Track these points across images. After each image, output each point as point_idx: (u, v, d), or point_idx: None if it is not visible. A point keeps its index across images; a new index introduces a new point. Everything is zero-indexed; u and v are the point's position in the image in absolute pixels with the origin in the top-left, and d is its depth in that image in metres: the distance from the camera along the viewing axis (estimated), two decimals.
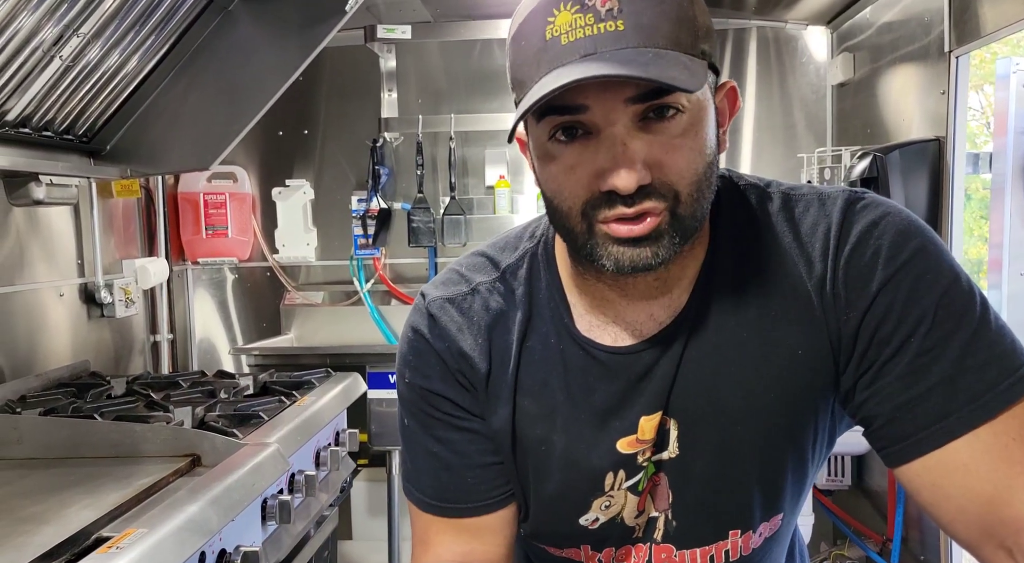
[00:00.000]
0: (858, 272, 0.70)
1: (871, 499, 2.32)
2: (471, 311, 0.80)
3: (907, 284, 0.69)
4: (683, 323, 0.75)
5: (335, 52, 2.65)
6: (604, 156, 0.65)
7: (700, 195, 0.68)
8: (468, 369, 0.79)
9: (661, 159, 0.65)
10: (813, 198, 0.75)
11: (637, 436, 0.76)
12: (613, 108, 0.64)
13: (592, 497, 0.78)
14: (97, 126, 2.01)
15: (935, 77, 1.85)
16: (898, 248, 0.70)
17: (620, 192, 0.65)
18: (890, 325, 0.69)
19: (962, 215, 1.77)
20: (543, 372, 0.78)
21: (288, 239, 2.77)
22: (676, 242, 0.68)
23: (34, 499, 1.24)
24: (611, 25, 0.62)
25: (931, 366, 0.68)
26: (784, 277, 0.73)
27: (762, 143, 2.68)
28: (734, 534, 0.80)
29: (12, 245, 1.94)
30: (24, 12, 1.51)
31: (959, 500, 0.67)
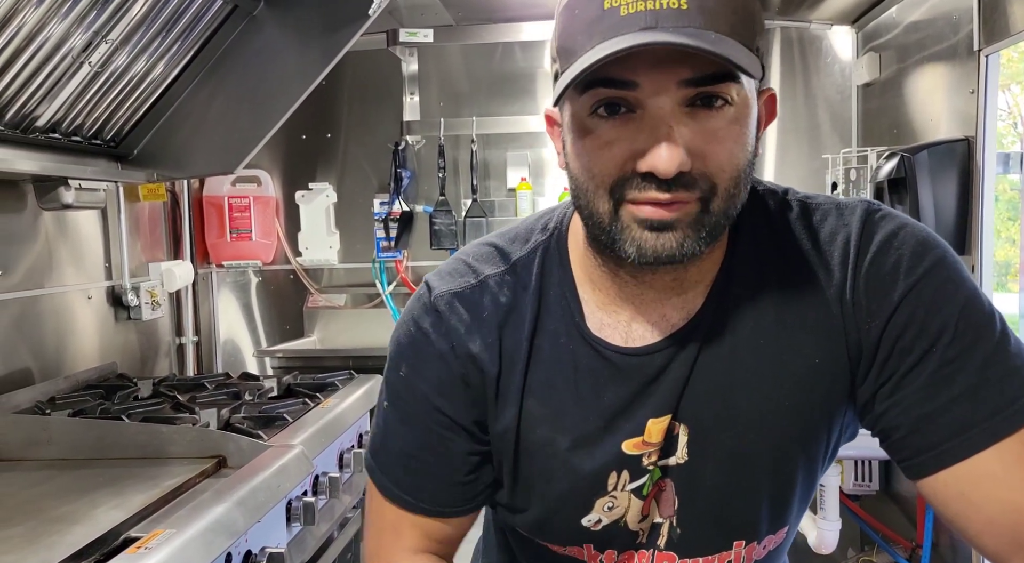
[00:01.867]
0: (879, 281, 0.70)
1: (900, 504, 2.28)
2: (480, 306, 0.76)
3: (928, 294, 0.68)
4: (698, 326, 0.73)
5: (357, 56, 2.66)
6: (647, 135, 0.63)
7: (736, 192, 0.66)
8: (475, 372, 0.76)
9: (704, 149, 0.63)
10: (831, 207, 0.74)
11: (644, 438, 0.74)
12: (664, 88, 0.62)
13: (595, 497, 0.76)
14: (124, 131, 2.04)
15: (964, 76, 1.82)
16: (919, 258, 0.69)
17: (659, 174, 0.62)
18: (912, 334, 0.68)
19: (992, 217, 1.74)
20: (550, 372, 0.75)
21: (311, 242, 2.79)
22: (703, 237, 0.66)
23: (64, 499, 1.25)
24: (674, 2, 0.60)
25: (954, 376, 0.67)
26: (803, 284, 0.72)
27: (787, 144, 2.65)
28: (738, 545, 0.78)
29: (41, 249, 1.97)
30: (55, 19, 1.53)
31: (988, 511, 0.66)
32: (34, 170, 1.76)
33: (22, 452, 1.47)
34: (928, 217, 1.82)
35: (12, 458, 1.46)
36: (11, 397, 1.73)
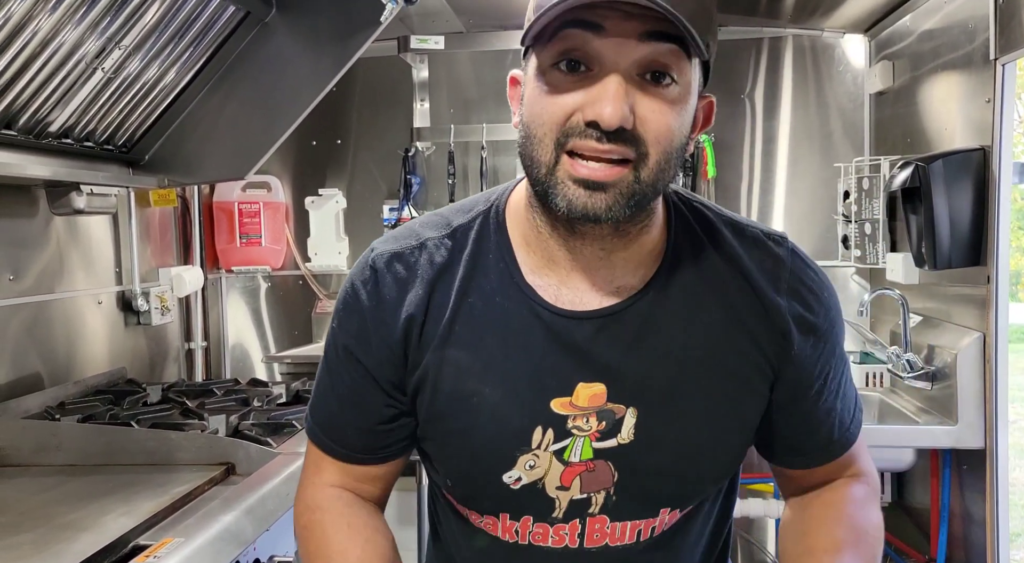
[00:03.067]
0: (802, 314, 0.83)
1: (912, 517, 2.26)
2: (416, 265, 0.82)
3: (832, 339, 0.86)
4: (639, 304, 0.79)
5: (368, 62, 2.66)
6: (599, 88, 0.69)
7: (666, 167, 0.73)
8: (399, 329, 0.80)
9: (646, 115, 0.70)
10: (758, 233, 0.85)
11: (572, 400, 0.78)
12: (624, 43, 0.68)
13: (518, 452, 0.80)
14: (136, 137, 2.04)
15: (979, 85, 1.81)
16: (831, 304, 0.86)
17: (603, 124, 0.68)
18: (817, 369, 0.85)
19: (1008, 228, 1.72)
20: (482, 328, 0.79)
21: (320, 248, 2.79)
22: (631, 204, 0.72)
23: (72, 506, 1.25)
24: None
25: (837, 402, 0.88)
26: (739, 292, 0.81)
27: (798, 152, 2.64)
28: (664, 512, 0.85)
29: (52, 253, 1.98)
30: (69, 25, 1.54)
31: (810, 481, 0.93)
32: (46, 175, 1.77)
33: (31, 458, 1.47)
34: (943, 227, 1.80)
35: (22, 463, 1.46)
36: (21, 402, 1.73)
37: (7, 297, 1.81)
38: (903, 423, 2.03)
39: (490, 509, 0.85)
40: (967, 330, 1.88)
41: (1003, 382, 1.81)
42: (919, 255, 1.93)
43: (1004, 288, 1.76)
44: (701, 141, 2.59)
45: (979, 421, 1.85)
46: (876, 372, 2.31)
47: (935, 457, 2.02)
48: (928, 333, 2.07)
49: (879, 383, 2.32)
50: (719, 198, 2.64)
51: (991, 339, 1.79)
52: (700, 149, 2.59)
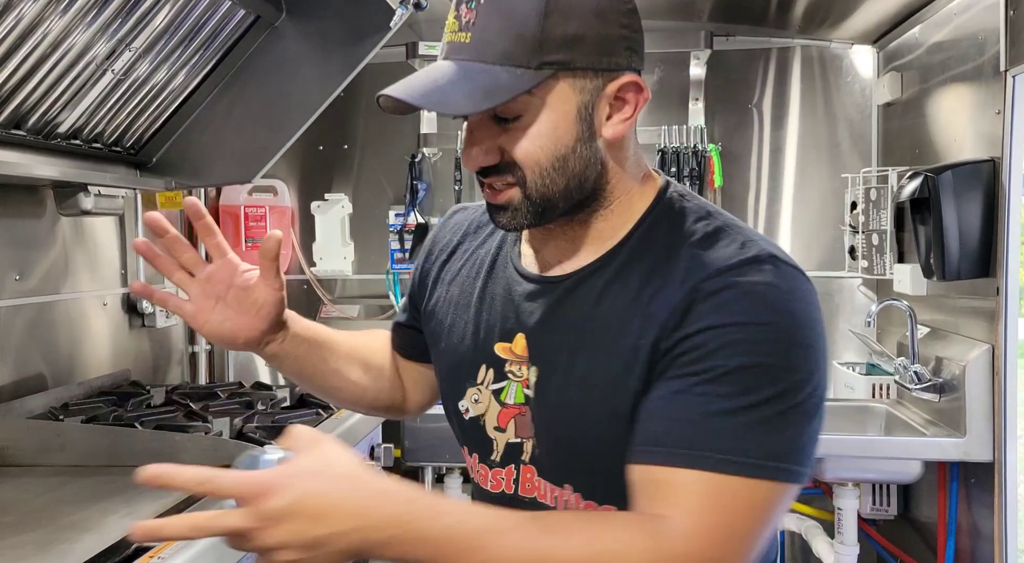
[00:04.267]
0: (701, 307, 0.77)
1: (919, 530, 2.25)
2: (470, 216, 1.02)
3: (727, 339, 0.74)
4: (571, 278, 0.86)
5: (376, 68, 2.65)
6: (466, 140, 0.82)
7: (552, 179, 0.80)
8: (434, 251, 1.02)
9: (506, 146, 0.79)
10: (736, 242, 0.81)
11: (511, 346, 0.88)
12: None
13: (467, 384, 0.91)
14: (144, 139, 2.04)
15: (989, 96, 1.80)
16: (736, 309, 0.75)
17: (468, 169, 0.82)
18: (678, 354, 0.76)
19: (1018, 240, 1.72)
20: (475, 273, 0.95)
21: (325, 252, 2.79)
22: (532, 213, 0.82)
23: (76, 506, 1.24)
24: (463, 36, 0.77)
25: (684, 404, 0.75)
26: (661, 290, 0.80)
27: (806, 162, 2.64)
28: (568, 488, 0.86)
29: (58, 254, 1.98)
30: (80, 27, 1.54)
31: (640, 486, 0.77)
32: (54, 176, 1.77)
33: (35, 458, 1.46)
34: (952, 238, 1.79)
35: (25, 464, 1.46)
36: (25, 402, 1.73)
37: (13, 297, 1.81)
38: (910, 435, 2.02)
39: (459, 438, 0.96)
40: (975, 342, 1.87)
41: (1012, 395, 1.80)
42: (927, 266, 1.92)
43: (1013, 300, 1.75)
44: (708, 150, 2.59)
45: (987, 434, 1.83)
46: (883, 383, 2.30)
47: (943, 470, 2.01)
48: (936, 345, 2.06)
49: (886, 394, 2.30)
50: (725, 207, 2.60)
51: (1000, 351, 1.78)
52: (707, 158, 2.59)
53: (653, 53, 2.68)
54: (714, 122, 2.66)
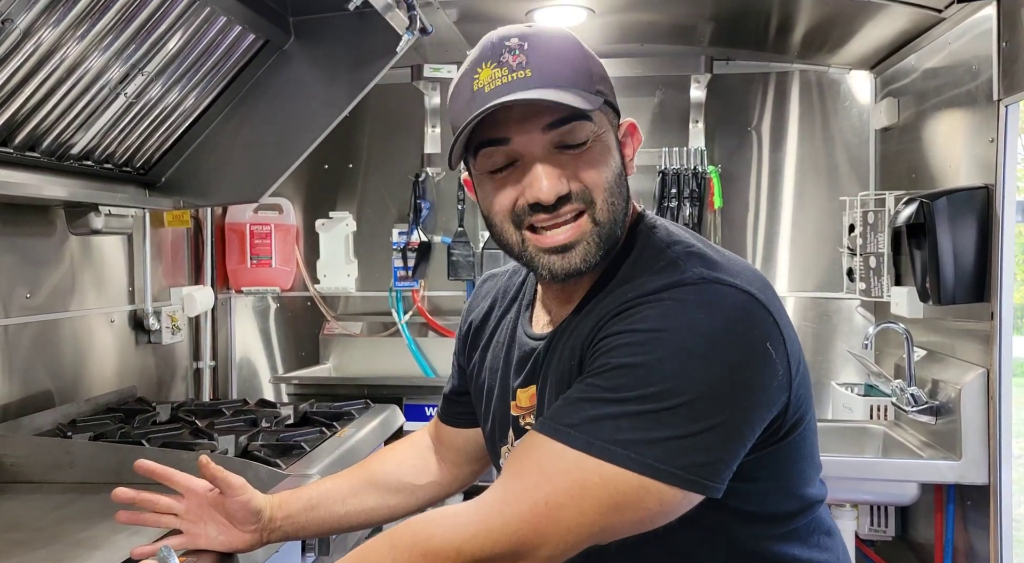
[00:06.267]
0: (616, 320, 0.81)
1: (916, 552, 2.26)
2: (498, 282, 1.09)
3: (624, 342, 0.78)
4: (558, 327, 0.91)
5: (381, 89, 2.70)
6: (527, 174, 0.83)
7: (614, 202, 0.84)
8: (468, 321, 1.08)
9: (576, 172, 0.83)
10: (671, 269, 0.83)
11: (516, 402, 0.94)
12: (532, 137, 0.82)
13: (500, 444, 0.98)
14: (154, 159, 2.08)
15: (983, 124, 1.84)
16: (661, 322, 0.78)
17: (542, 201, 0.82)
18: (592, 355, 0.81)
19: (1012, 265, 1.75)
20: (501, 338, 1.01)
21: (329, 270, 2.81)
22: (600, 246, 0.84)
23: (86, 523, 1.26)
24: (521, 74, 0.81)
25: (586, 393, 0.79)
26: (598, 319, 0.84)
27: (804, 185, 2.67)
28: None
29: (66, 272, 2.00)
30: (95, 52, 1.58)
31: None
32: (67, 196, 1.80)
33: (45, 475, 1.49)
34: (947, 263, 1.82)
35: (35, 480, 1.48)
36: (33, 419, 1.75)
37: (22, 314, 1.83)
38: (907, 457, 2.03)
39: None
40: (971, 365, 1.89)
41: (1007, 418, 1.82)
42: (923, 290, 1.95)
43: (1008, 324, 1.78)
44: (708, 172, 2.63)
45: (983, 456, 1.85)
46: (880, 405, 2.33)
47: (939, 492, 2.02)
48: (932, 367, 2.08)
49: (883, 416, 2.33)
50: (725, 229, 2.68)
51: (995, 375, 1.81)
52: (707, 180, 2.62)
53: (655, 76, 2.73)
54: (714, 144, 2.70)
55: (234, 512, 1.06)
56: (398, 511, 1.14)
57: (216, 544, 1.08)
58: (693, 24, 2.40)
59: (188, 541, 1.07)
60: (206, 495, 1.08)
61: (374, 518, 1.13)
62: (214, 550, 1.08)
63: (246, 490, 1.06)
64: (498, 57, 0.83)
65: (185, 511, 1.09)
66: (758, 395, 0.78)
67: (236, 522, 1.07)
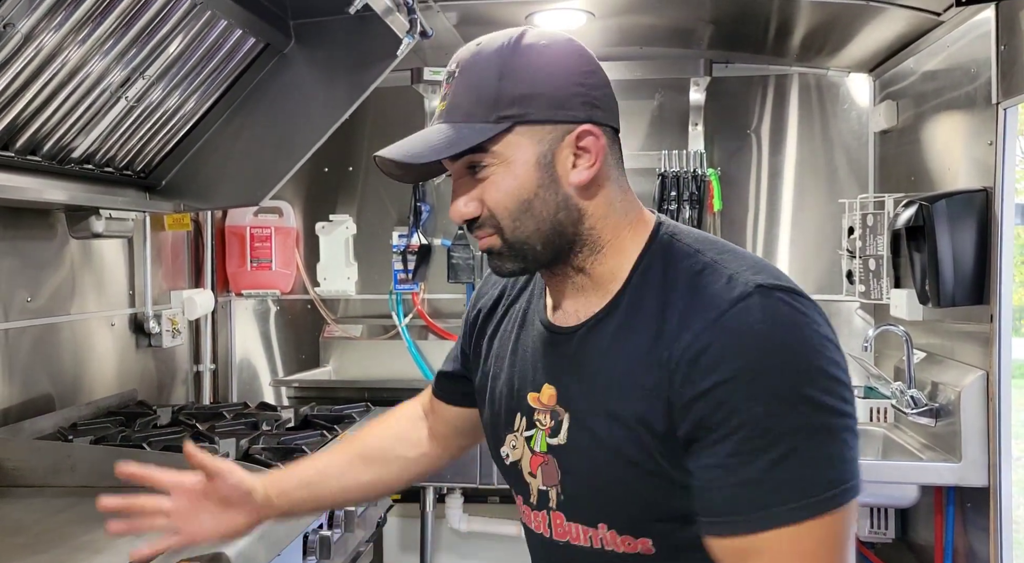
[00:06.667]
0: (706, 366, 0.80)
1: (916, 553, 2.26)
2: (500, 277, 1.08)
3: (741, 397, 0.78)
4: (586, 326, 0.92)
5: (381, 91, 2.69)
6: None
7: (522, 222, 0.88)
8: (476, 308, 1.09)
9: (482, 197, 0.88)
10: (723, 277, 0.84)
11: (539, 396, 0.94)
12: (452, 164, 0.90)
13: (506, 432, 0.98)
14: (155, 162, 2.08)
15: (981, 127, 1.85)
16: (748, 359, 0.78)
17: (455, 222, 0.92)
18: (714, 423, 0.79)
19: (1011, 268, 1.75)
20: (516, 324, 1.01)
21: (329, 273, 2.81)
22: (516, 257, 0.90)
23: (87, 527, 1.27)
24: (441, 106, 0.89)
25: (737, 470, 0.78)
26: (660, 332, 0.85)
27: (803, 187, 2.68)
28: (602, 527, 0.90)
29: (66, 276, 2.01)
30: (96, 56, 1.58)
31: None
32: (68, 200, 1.81)
33: (46, 478, 1.49)
34: (946, 266, 1.83)
35: (36, 484, 1.48)
36: (34, 422, 1.76)
37: (24, 318, 1.84)
38: (907, 459, 2.04)
39: (506, 481, 1.01)
40: (971, 368, 1.90)
41: (1006, 420, 1.83)
42: (923, 293, 1.96)
43: (1007, 327, 1.78)
44: (707, 174, 2.63)
45: (983, 458, 1.86)
46: (880, 407, 2.33)
47: (939, 494, 2.03)
48: (932, 369, 2.09)
49: (883, 418, 2.33)
50: (724, 231, 2.68)
51: (994, 377, 1.81)
52: (706, 182, 2.63)
53: (654, 79, 2.74)
54: (713, 147, 2.70)
55: (227, 495, 1.06)
56: (391, 484, 1.18)
57: (212, 534, 1.06)
58: (692, 27, 2.41)
59: (184, 539, 1.06)
60: (195, 488, 1.06)
61: (369, 492, 1.17)
62: (212, 540, 1.08)
63: (235, 472, 1.06)
64: (444, 83, 0.91)
65: (175, 509, 1.06)
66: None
67: (230, 506, 1.07)
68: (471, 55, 0.89)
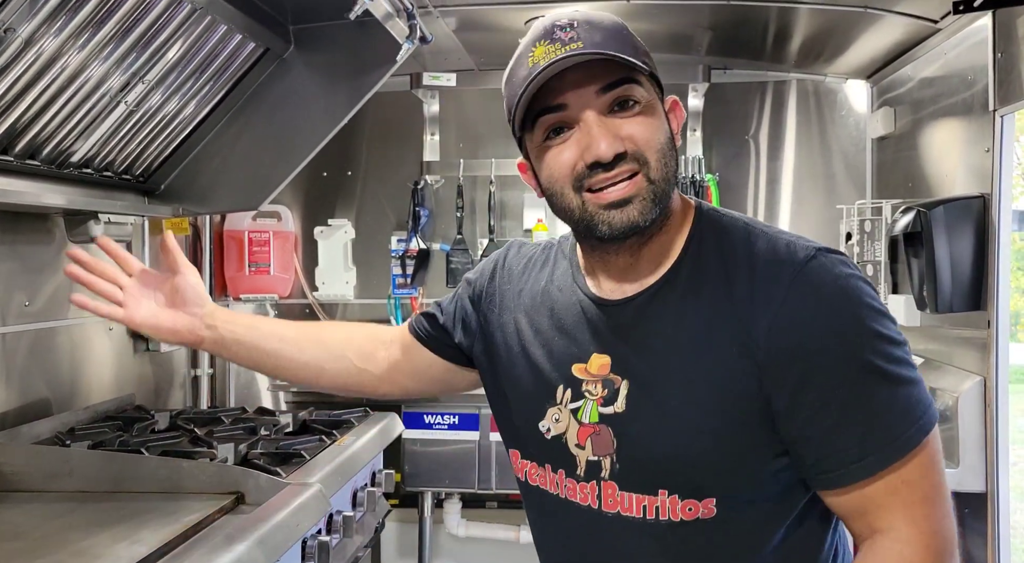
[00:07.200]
0: (798, 323, 0.85)
1: None
2: (532, 255, 1.10)
3: (838, 347, 0.84)
4: (643, 296, 0.94)
5: (380, 96, 2.69)
6: (585, 137, 0.87)
7: (666, 162, 0.89)
8: (495, 280, 1.09)
9: (631, 132, 0.87)
10: (780, 243, 0.90)
11: (586, 366, 0.95)
12: (587, 101, 0.87)
13: (547, 404, 0.98)
14: (153, 167, 2.08)
15: (978, 133, 1.85)
16: (836, 311, 0.85)
17: (601, 160, 0.87)
18: (819, 381, 0.84)
19: (1008, 273, 1.76)
20: (542, 304, 1.03)
21: (328, 277, 2.82)
22: (655, 202, 0.88)
23: (86, 532, 1.26)
24: (573, 46, 0.86)
25: (854, 416, 0.84)
26: (732, 295, 0.89)
27: (802, 193, 2.69)
28: (662, 493, 0.91)
29: (64, 280, 1.99)
30: (96, 61, 1.58)
31: (848, 509, 0.89)
32: (66, 204, 1.80)
33: (43, 483, 1.48)
34: (944, 272, 1.83)
35: (34, 489, 1.48)
36: (32, 427, 1.75)
37: (21, 322, 1.83)
38: None
39: (535, 456, 1.01)
40: (968, 373, 1.90)
41: (1004, 426, 1.83)
42: (921, 298, 1.96)
43: (1005, 333, 1.79)
44: (706, 180, 2.64)
45: (980, 464, 1.86)
46: None
47: None
48: (929, 375, 2.09)
49: None
50: None
51: (992, 383, 1.82)
52: (705, 188, 2.64)
53: None
54: (712, 153, 2.71)
55: (183, 291, 1.11)
56: (326, 376, 1.17)
57: (150, 320, 1.11)
58: (691, 34, 2.42)
59: (123, 315, 1.11)
60: (156, 276, 1.13)
61: (300, 373, 1.17)
62: (150, 324, 1.12)
63: (197, 277, 1.13)
64: (551, 35, 0.88)
65: (129, 285, 1.12)
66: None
67: (177, 305, 1.12)
68: (584, 15, 0.89)
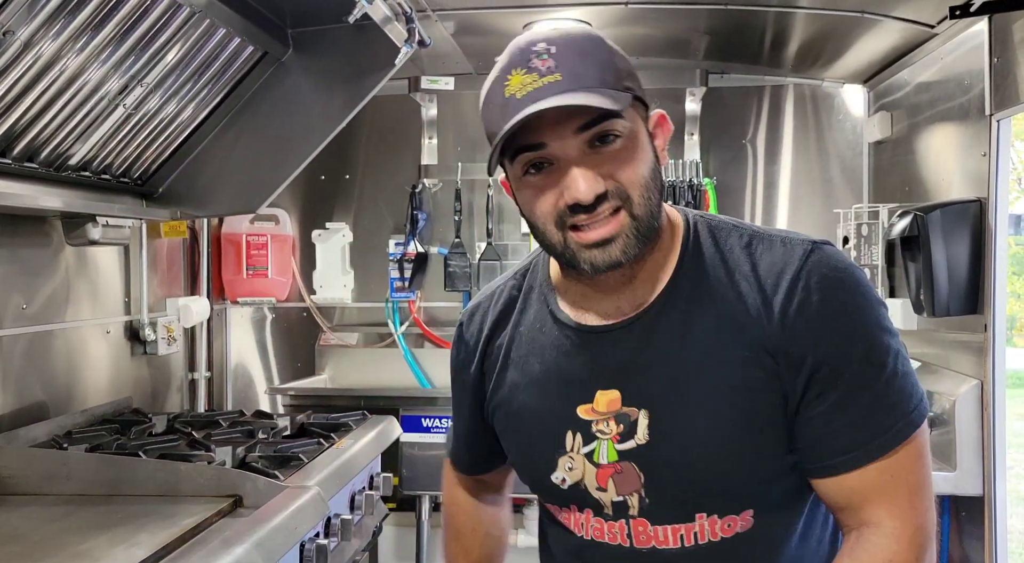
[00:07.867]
0: (806, 317, 0.86)
1: None
2: (491, 307, 1.04)
3: (843, 339, 0.86)
4: (644, 317, 0.90)
5: (378, 100, 2.69)
6: (565, 176, 0.84)
7: (650, 195, 0.86)
8: (476, 356, 1.03)
9: (611, 171, 0.84)
10: (776, 241, 0.90)
11: (593, 406, 0.91)
12: (566, 140, 0.84)
13: (557, 455, 0.94)
14: (151, 170, 2.08)
15: (975, 138, 1.86)
16: (842, 303, 0.86)
17: (582, 202, 0.84)
18: (824, 371, 0.85)
19: (1005, 278, 1.76)
20: (527, 351, 0.97)
21: (326, 280, 2.81)
22: (638, 238, 0.86)
23: (84, 535, 1.26)
24: (551, 78, 0.83)
25: (849, 406, 0.85)
26: (738, 298, 0.88)
27: (799, 197, 2.69)
28: (700, 517, 0.90)
29: (61, 283, 2.00)
30: (94, 64, 1.58)
31: (837, 500, 0.89)
32: (63, 207, 1.80)
33: (41, 487, 1.48)
34: (941, 276, 1.84)
35: (31, 492, 1.47)
36: (29, 430, 1.75)
37: (18, 325, 1.83)
38: None
39: (561, 501, 0.97)
40: (965, 377, 1.91)
41: (1001, 430, 1.84)
42: (918, 302, 1.97)
43: (1001, 337, 1.79)
44: (703, 184, 2.65)
45: (977, 468, 1.86)
46: None
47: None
48: (926, 379, 2.10)
49: None
50: None
51: (988, 386, 1.82)
52: (702, 192, 2.64)
53: (650, 89, 2.70)
54: (709, 157, 2.71)
55: None
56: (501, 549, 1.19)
57: None
58: (688, 38, 2.42)
59: None
60: None
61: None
62: None
63: None
64: (527, 62, 0.84)
65: None
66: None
67: None
68: (562, 34, 0.86)
